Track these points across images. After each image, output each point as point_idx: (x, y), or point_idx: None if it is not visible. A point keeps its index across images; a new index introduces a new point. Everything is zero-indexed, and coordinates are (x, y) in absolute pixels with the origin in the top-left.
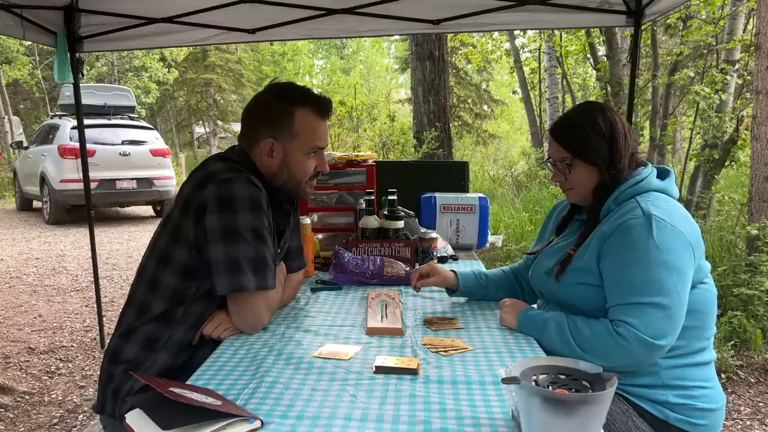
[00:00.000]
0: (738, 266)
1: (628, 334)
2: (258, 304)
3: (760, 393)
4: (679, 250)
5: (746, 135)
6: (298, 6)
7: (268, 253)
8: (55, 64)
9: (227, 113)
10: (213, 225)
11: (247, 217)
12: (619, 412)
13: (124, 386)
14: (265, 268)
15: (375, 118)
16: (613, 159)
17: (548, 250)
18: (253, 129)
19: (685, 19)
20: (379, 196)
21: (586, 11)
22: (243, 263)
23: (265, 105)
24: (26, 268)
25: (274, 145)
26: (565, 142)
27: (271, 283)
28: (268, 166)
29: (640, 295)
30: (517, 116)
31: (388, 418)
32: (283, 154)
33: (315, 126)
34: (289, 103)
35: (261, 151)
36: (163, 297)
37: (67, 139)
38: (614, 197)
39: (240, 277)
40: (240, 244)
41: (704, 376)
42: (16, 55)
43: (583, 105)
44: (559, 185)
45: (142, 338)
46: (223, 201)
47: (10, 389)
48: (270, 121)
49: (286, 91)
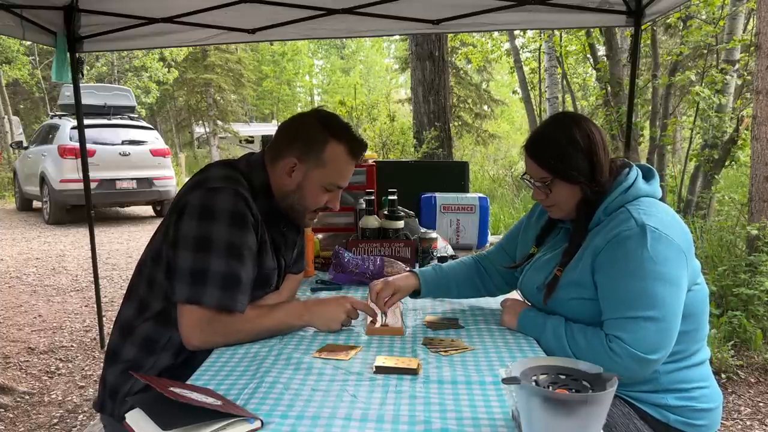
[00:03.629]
0: (738, 266)
1: (620, 350)
2: (213, 325)
3: (760, 393)
4: (673, 259)
5: (746, 135)
6: (298, 6)
7: (243, 272)
8: (54, 64)
9: (227, 113)
10: (187, 231)
11: (224, 230)
12: (620, 415)
13: (123, 386)
14: (235, 288)
15: (375, 118)
16: (595, 173)
17: (535, 264)
18: (284, 143)
19: (685, 19)
20: (379, 196)
21: (586, 11)
22: (209, 277)
23: (304, 125)
24: (26, 268)
25: (297, 166)
26: (543, 162)
27: (238, 306)
28: (283, 185)
29: (633, 309)
30: (517, 116)
31: (388, 418)
32: (302, 178)
33: (343, 163)
34: (327, 132)
35: (282, 168)
36: (159, 296)
37: (67, 139)
38: (604, 207)
39: (201, 289)
40: (211, 256)
41: (701, 375)
42: (16, 55)
43: (557, 119)
44: (541, 203)
45: (140, 338)
46: (204, 209)
47: (10, 389)
48: (302, 142)
49: (328, 120)
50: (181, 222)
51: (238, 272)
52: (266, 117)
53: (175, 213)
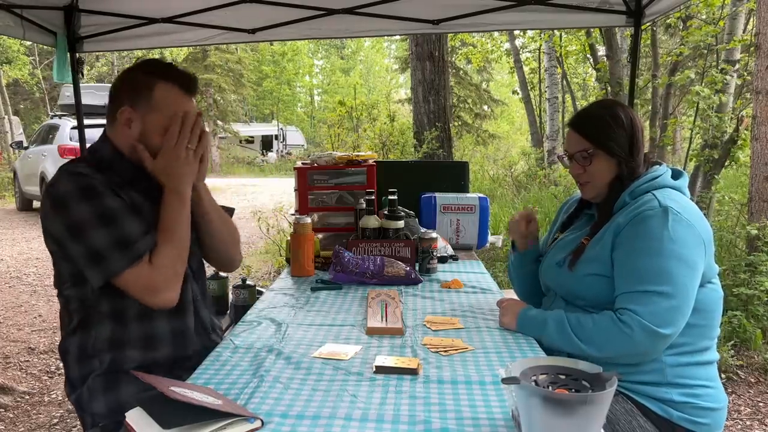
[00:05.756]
0: (738, 266)
1: (631, 321)
2: (141, 278)
3: (760, 393)
4: (692, 243)
5: (746, 135)
6: (298, 6)
7: (126, 231)
8: (54, 64)
9: (227, 113)
10: (57, 228)
11: (83, 207)
12: (623, 412)
13: (83, 392)
14: (129, 244)
15: (375, 118)
16: (633, 152)
17: (558, 243)
18: (115, 99)
19: (685, 19)
20: (379, 196)
21: (586, 11)
22: (102, 250)
23: (129, 75)
24: (26, 268)
25: (132, 114)
26: (587, 133)
27: (142, 248)
28: (126, 137)
29: (648, 284)
30: (517, 116)
31: (388, 418)
32: (141, 125)
33: (177, 102)
34: (152, 75)
35: (120, 123)
36: (76, 309)
37: (67, 139)
38: (630, 191)
39: (106, 263)
40: (89, 234)
41: (708, 375)
42: (16, 55)
43: (601, 101)
44: (577, 178)
45: (75, 350)
46: (54, 202)
47: (10, 389)
48: (130, 91)
49: (150, 64)
50: (48, 226)
51: (121, 234)
52: (266, 117)
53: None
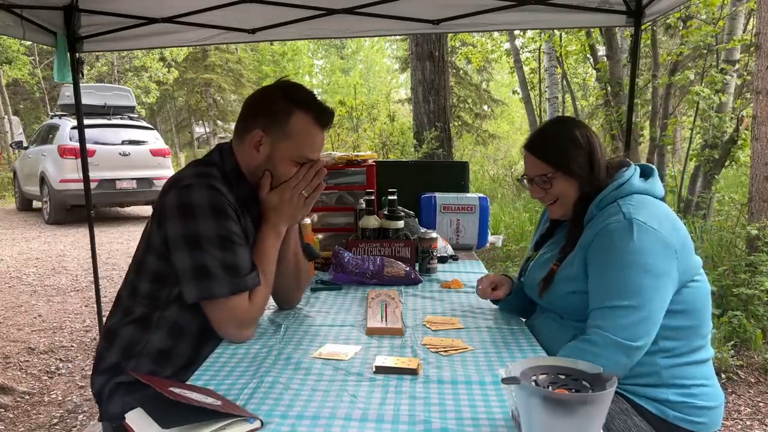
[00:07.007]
0: (738, 266)
1: (599, 339)
2: (237, 311)
3: (760, 393)
4: (658, 252)
5: (746, 135)
6: (298, 6)
7: (239, 260)
8: (55, 64)
9: (227, 113)
10: (174, 232)
11: (210, 224)
12: (618, 412)
13: (104, 389)
14: (238, 274)
15: (375, 118)
16: (593, 169)
17: (538, 260)
18: (249, 118)
19: (685, 19)
20: (379, 196)
21: (586, 11)
22: (211, 269)
23: (268, 97)
24: (26, 268)
25: (263, 138)
26: (545, 157)
27: (249, 283)
28: (251, 160)
29: (615, 299)
30: (517, 116)
31: (388, 418)
32: (270, 151)
33: (310, 134)
34: (291, 103)
35: (249, 142)
36: (141, 303)
37: (67, 139)
38: (596, 202)
39: (209, 283)
40: (205, 251)
41: (703, 374)
42: (16, 55)
43: (556, 119)
44: (540, 200)
45: (122, 342)
46: (183, 208)
47: (10, 389)
48: (267, 114)
49: (292, 90)
50: (165, 225)
51: (235, 261)
52: None
53: (155, 218)
